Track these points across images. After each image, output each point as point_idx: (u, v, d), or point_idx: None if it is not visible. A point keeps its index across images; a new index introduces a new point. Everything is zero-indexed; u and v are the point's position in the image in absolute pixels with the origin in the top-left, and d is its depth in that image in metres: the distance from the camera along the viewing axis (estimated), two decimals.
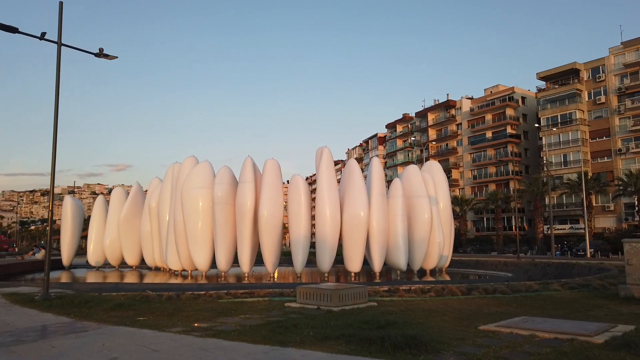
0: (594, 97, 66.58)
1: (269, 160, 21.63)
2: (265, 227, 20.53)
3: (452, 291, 12.07)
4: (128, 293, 13.02)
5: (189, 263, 22.95)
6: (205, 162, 23.10)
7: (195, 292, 12.95)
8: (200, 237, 21.91)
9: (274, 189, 21.01)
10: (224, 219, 21.39)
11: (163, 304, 10.83)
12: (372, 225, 20.98)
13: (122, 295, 12.32)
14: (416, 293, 12.02)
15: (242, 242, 21.12)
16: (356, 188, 21.02)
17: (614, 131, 63.92)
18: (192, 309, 10.22)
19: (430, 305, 10.47)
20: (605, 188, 57.05)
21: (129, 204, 28.32)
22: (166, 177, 25.33)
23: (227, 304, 10.92)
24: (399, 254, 21.72)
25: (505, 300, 11.16)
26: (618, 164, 63.12)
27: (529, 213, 75.14)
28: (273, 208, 20.62)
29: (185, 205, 21.96)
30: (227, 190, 21.56)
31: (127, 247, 28.16)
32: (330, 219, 20.55)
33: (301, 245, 20.69)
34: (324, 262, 20.81)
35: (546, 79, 72.23)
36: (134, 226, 27.86)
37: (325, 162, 21.21)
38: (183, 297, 12.00)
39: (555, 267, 24.59)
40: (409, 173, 23.40)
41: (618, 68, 63.89)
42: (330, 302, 9.83)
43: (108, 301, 11.11)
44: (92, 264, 29.40)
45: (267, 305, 10.75)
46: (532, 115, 79.31)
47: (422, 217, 22.35)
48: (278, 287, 13.54)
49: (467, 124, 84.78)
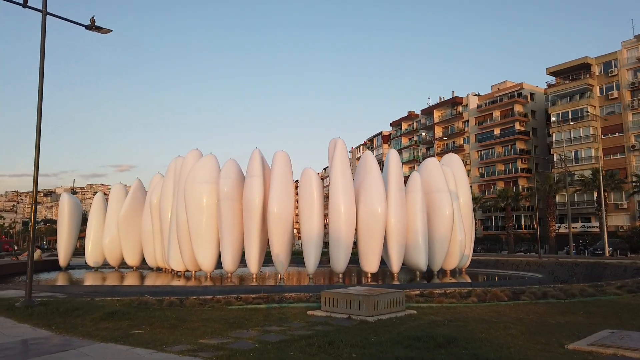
0: (606, 92, 64.77)
1: (279, 152, 20.06)
2: (275, 225, 18.95)
3: (496, 296, 10.48)
4: (124, 298, 11.46)
5: (193, 263, 21.39)
6: (209, 155, 21.52)
7: (200, 296, 11.38)
8: (205, 236, 20.35)
9: (284, 183, 19.44)
10: (230, 215, 19.83)
11: (164, 311, 9.27)
12: (390, 222, 19.40)
13: (117, 301, 10.76)
14: (455, 298, 10.44)
15: (250, 240, 19.55)
16: (373, 182, 19.42)
17: (626, 127, 62.12)
18: (198, 318, 8.65)
19: (480, 314, 8.89)
20: (620, 185, 55.28)
21: (129, 202, 26.79)
22: (168, 173, 23.79)
23: (239, 312, 9.36)
24: (418, 253, 20.14)
25: (563, 307, 9.57)
26: (631, 160, 61.36)
27: (540, 212, 73.48)
28: (283, 204, 19.04)
29: (189, 201, 20.39)
30: (233, 185, 19.99)
31: (127, 247, 26.62)
32: (346, 215, 18.97)
33: (314, 244, 19.12)
34: (339, 261, 19.22)
35: (556, 74, 70.44)
36: (134, 225, 26.33)
37: (339, 153, 19.62)
38: (187, 303, 10.43)
39: (584, 267, 22.95)
40: (428, 166, 21.79)
41: (631, 62, 62.09)
42: (363, 310, 8.27)
43: (100, 308, 9.54)
44: (91, 265, 27.92)
45: (286, 313, 9.18)
46: (541, 112, 77.60)
47: (443, 213, 20.75)
48: (295, 291, 12.01)
49: (474, 121, 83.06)
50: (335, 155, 19.58)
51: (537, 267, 24.75)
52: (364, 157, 20.57)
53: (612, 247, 43.09)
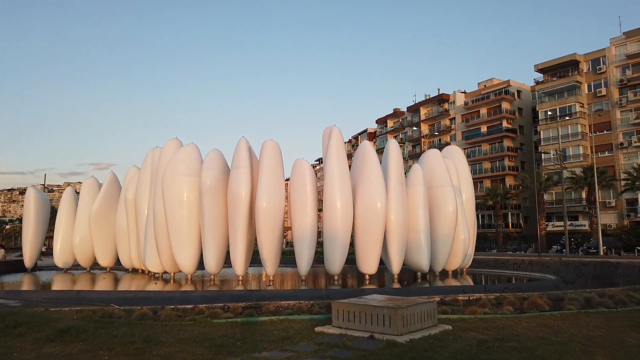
0: (594, 89, 64.29)
1: (268, 141, 18.14)
2: (264, 221, 17.03)
3: (536, 304, 8.80)
4: (85, 308, 9.45)
5: (171, 264, 19.35)
6: (190, 144, 19.50)
7: (179, 305, 9.43)
8: (185, 234, 18.34)
9: (274, 175, 17.52)
10: (213, 211, 17.85)
11: (131, 327, 7.33)
12: (391, 218, 17.65)
13: (76, 313, 8.77)
14: (485, 307, 8.71)
15: (236, 239, 17.59)
16: (372, 175, 17.65)
17: (615, 125, 61.66)
18: (175, 338, 6.74)
19: (529, 329, 7.15)
20: (611, 183, 54.66)
21: (102, 197, 24.58)
22: (145, 165, 21.68)
23: (227, 328, 7.47)
24: (420, 252, 18.46)
25: (624, 318, 7.88)
26: (619, 158, 60.92)
27: (525, 210, 73.01)
28: (273, 198, 17.14)
29: (168, 195, 18.35)
30: (217, 178, 18.01)
31: (99, 246, 24.41)
32: (342, 211, 17.16)
33: (307, 243, 17.25)
34: (334, 262, 17.40)
35: (544, 71, 69.78)
36: (107, 222, 24.15)
37: (335, 143, 17.79)
38: (162, 314, 8.49)
39: (592, 267, 21.56)
40: (429, 158, 20.10)
41: (620, 59, 61.66)
42: (390, 327, 6.46)
43: (51, 323, 7.56)
44: (60, 266, 25.63)
45: (287, 329, 7.32)
46: (528, 110, 77.08)
47: (446, 209, 19.10)
48: (292, 298, 10.18)
49: (461, 119, 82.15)
50: (331, 144, 17.75)
51: (541, 267, 23.31)
52: (361, 147, 18.79)
53: (606, 245, 42.15)
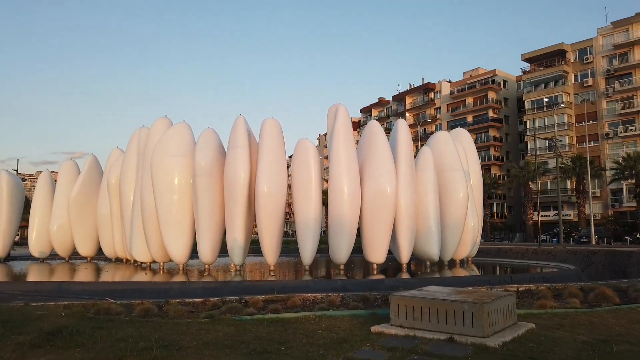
0: (580, 79, 64.21)
1: (268, 119, 16.71)
2: (265, 207, 15.66)
3: (605, 296, 7.66)
4: (74, 303, 7.97)
5: (161, 253, 17.84)
6: (182, 123, 17.90)
7: (186, 299, 8.02)
8: (177, 220, 16.84)
9: (275, 157, 16.14)
10: (208, 196, 16.39)
11: (137, 326, 5.95)
12: (400, 204, 16.46)
13: (63, 309, 7.30)
14: (545, 299, 7.54)
15: (233, 225, 16.19)
16: (381, 157, 16.41)
17: (601, 115, 61.75)
18: (200, 341, 5.37)
19: (629, 326, 5.93)
20: (599, 172, 54.71)
21: (82, 182, 22.80)
22: (130, 146, 20.01)
23: (257, 327, 6.10)
24: (430, 240, 17.35)
25: None
26: (605, 148, 61.14)
27: (509, 200, 73.05)
28: (275, 181, 15.78)
29: (157, 179, 16.79)
30: (213, 159, 16.53)
31: (79, 235, 22.66)
32: (349, 196, 15.90)
33: (311, 230, 15.96)
34: (341, 250, 16.16)
35: (531, 60, 69.48)
36: (88, 208, 22.42)
37: (341, 123, 16.46)
38: (169, 310, 7.10)
39: (602, 256, 20.79)
40: (439, 141, 18.95)
41: (607, 49, 61.59)
42: (473, 326, 5.23)
43: (34, 322, 6.11)
44: (36, 255, 23.81)
45: (332, 328, 5.98)
46: (513, 100, 76.94)
47: (456, 195, 18.00)
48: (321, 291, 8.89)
49: (446, 108, 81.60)
50: (337, 124, 16.41)
51: (547, 256, 22.50)
52: (369, 127, 17.51)
53: (597, 234, 42.02)
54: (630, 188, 54.54)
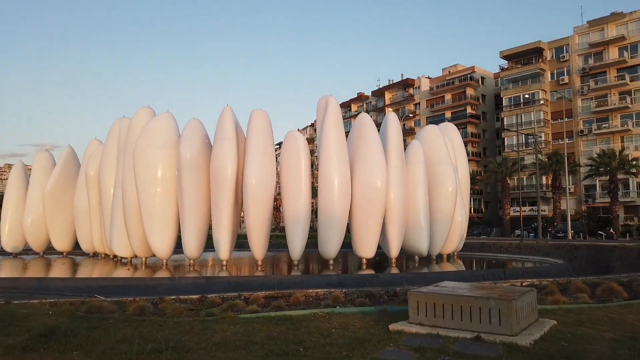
0: (557, 77, 65.29)
1: (256, 111, 16.25)
2: (254, 200, 15.25)
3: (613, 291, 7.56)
4: (61, 300, 7.46)
5: (143, 248, 17.22)
6: (165, 113, 17.28)
7: (181, 295, 7.60)
8: (160, 214, 16.27)
9: (263, 148, 15.73)
10: (194, 188, 15.87)
11: (136, 326, 5.51)
12: (390, 198, 16.26)
13: (51, 307, 6.80)
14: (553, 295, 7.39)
15: (220, 219, 15.71)
16: (371, 150, 16.16)
17: (576, 112, 62.95)
18: (208, 341, 4.96)
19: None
20: (575, 169, 55.81)
21: (58, 173, 21.95)
22: (110, 137, 19.27)
23: (266, 325, 5.71)
24: (420, 235, 17.22)
25: None
26: (579, 145, 62.40)
27: (486, 195, 74.01)
28: (264, 174, 15.37)
29: (140, 171, 16.16)
30: (199, 150, 16.01)
31: (55, 229, 21.81)
32: (340, 189, 15.61)
33: (301, 224, 15.62)
34: (331, 244, 15.87)
35: (509, 57, 70.31)
36: (64, 201, 21.60)
37: (332, 115, 16.13)
38: (165, 307, 6.68)
39: (585, 250, 21.05)
40: (428, 134, 18.80)
41: (582, 48, 62.73)
42: (500, 324, 4.96)
43: (20, 322, 5.62)
44: (9, 250, 22.84)
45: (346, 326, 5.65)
46: (490, 96, 77.82)
47: (445, 189, 17.90)
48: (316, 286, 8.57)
49: (425, 104, 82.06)
50: (327, 116, 16.06)
51: (529, 251, 22.68)
52: (359, 120, 17.22)
53: (574, 229, 42.85)
54: (603, 184, 55.85)
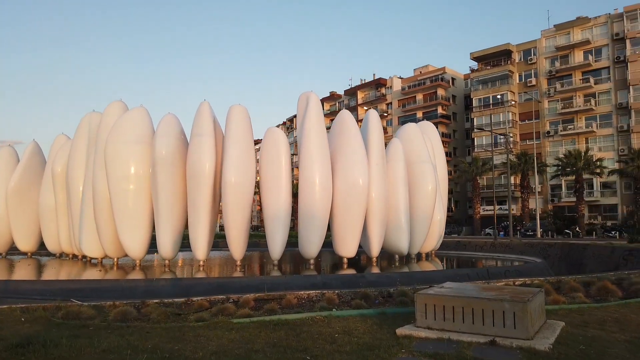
0: (525, 79, 66.79)
1: (235, 106, 15.80)
2: (233, 198, 14.79)
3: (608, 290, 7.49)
4: (32, 305, 6.89)
5: (115, 248, 16.51)
6: (139, 108, 16.60)
7: (163, 299, 7.13)
8: (133, 212, 15.61)
9: (244, 145, 15.28)
10: (169, 186, 15.28)
11: (119, 334, 5.06)
12: (372, 196, 16.07)
13: (23, 312, 6.25)
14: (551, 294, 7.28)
15: (197, 218, 15.19)
16: (353, 148, 15.93)
17: (543, 114, 64.52)
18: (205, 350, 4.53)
19: None
20: (543, 168, 57.18)
21: (22, 170, 20.92)
22: (79, 132, 18.42)
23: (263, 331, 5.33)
24: (400, 234, 17.09)
25: None
26: (546, 146, 63.98)
27: (456, 194, 75.14)
28: (243, 172, 14.94)
29: (111, 168, 15.46)
30: (174, 147, 15.43)
31: (19, 228, 20.77)
32: (321, 187, 15.31)
33: (282, 222, 15.25)
34: (312, 244, 15.55)
35: (479, 59, 71.58)
36: (29, 199, 20.60)
37: (313, 111, 15.82)
38: (150, 312, 6.22)
39: (558, 248, 21.41)
40: (408, 133, 18.70)
41: (549, 51, 64.35)
42: (515, 327, 4.74)
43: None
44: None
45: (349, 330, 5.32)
46: (460, 97, 79.06)
47: (424, 188, 17.83)
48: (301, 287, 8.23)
49: (397, 104, 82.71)
50: (309, 112, 15.74)
51: (504, 249, 22.95)
52: (340, 117, 16.96)
53: (542, 228, 43.83)
54: (569, 184, 57.48)
